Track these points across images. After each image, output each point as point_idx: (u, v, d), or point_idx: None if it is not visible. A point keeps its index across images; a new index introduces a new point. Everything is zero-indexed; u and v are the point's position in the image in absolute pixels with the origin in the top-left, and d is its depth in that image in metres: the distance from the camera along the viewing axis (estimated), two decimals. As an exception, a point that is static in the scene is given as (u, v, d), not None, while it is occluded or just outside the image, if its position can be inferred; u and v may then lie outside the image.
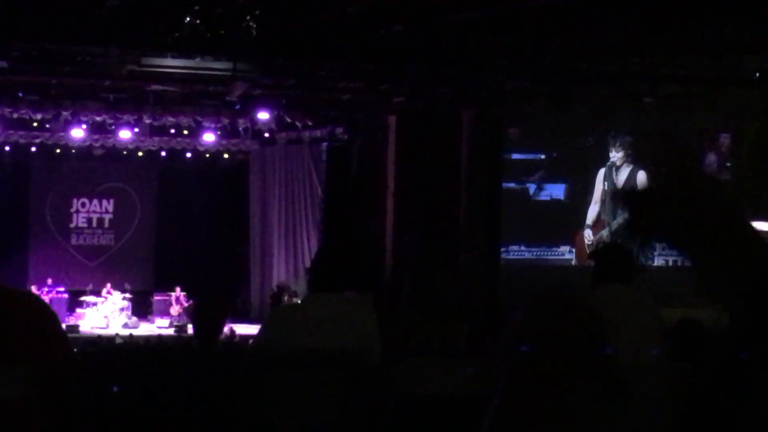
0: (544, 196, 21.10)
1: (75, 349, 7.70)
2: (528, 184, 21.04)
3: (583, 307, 3.26)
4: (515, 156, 20.96)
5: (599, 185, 20.27)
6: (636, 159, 19.37)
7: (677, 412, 6.04)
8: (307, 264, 21.55)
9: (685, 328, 6.63)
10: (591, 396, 3.23)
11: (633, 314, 6.18)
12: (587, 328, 3.21)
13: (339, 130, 22.39)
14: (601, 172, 20.09)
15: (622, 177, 19.96)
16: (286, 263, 24.31)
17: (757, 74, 15.06)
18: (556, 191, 21.07)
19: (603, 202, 20.24)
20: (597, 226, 20.01)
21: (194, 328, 6.87)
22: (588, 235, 20.29)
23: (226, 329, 7.27)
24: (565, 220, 20.61)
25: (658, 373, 6.09)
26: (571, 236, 20.34)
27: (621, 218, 18.61)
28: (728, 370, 3.40)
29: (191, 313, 6.93)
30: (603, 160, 19.88)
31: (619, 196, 20.56)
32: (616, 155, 19.63)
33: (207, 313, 6.82)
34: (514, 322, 3.28)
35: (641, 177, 19.16)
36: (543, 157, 21.35)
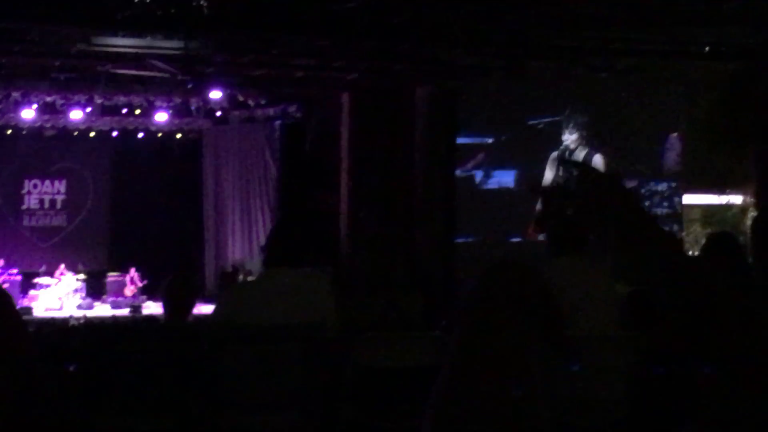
0: (492, 184, 19.97)
1: (30, 330, 7.65)
2: (474, 171, 19.99)
3: (535, 272, 3.30)
4: (459, 140, 19.87)
5: (548, 171, 18.98)
6: (591, 140, 18.64)
7: (630, 381, 6.12)
8: (262, 242, 21.53)
9: (634, 300, 6.69)
10: (543, 359, 3.27)
11: (586, 285, 6.25)
12: (539, 292, 3.24)
13: (292, 108, 22.33)
14: (552, 156, 18.93)
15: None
16: (240, 242, 24.26)
17: (707, 48, 15.19)
18: (506, 178, 19.88)
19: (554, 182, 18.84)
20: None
21: (165, 304, 6.86)
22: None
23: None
24: (515, 211, 19.18)
25: (611, 343, 6.16)
26: (524, 229, 19.02)
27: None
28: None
29: (162, 290, 6.90)
30: (555, 144, 18.95)
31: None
32: (569, 137, 18.77)
33: (178, 290, 6.82)
34: (467, 288, 3.31)
35: (597, 160, 18.33)
36: (490, 141, 20.25)
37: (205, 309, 18.94)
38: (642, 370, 6.11)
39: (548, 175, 18.77)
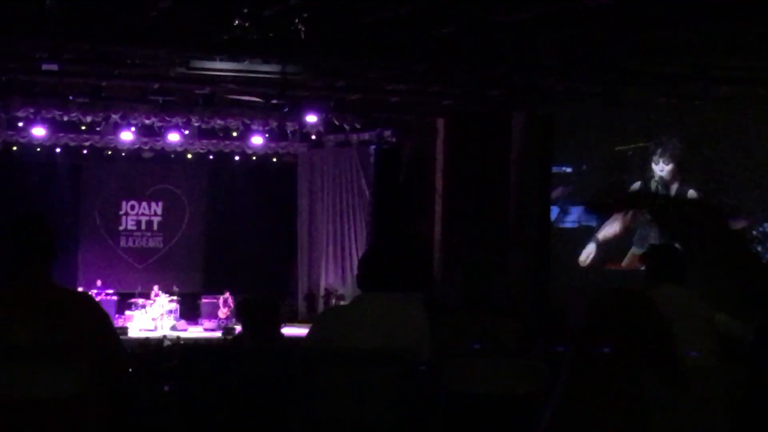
0: (569, 222, 18.60)
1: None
2: (550, 207, 18.60)
3: (650, 300, 3.23)
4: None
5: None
6: (684, 173, 17.04)
7: (733, 415, 5.96)
8: (355, 266, 21.53)
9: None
10: (656, 389, 3.19)
11: (687, 315, 6.13)
12: (655, 320, 3.17)
13: (387, 133, 22.38)
14: (634, 187, 17.27)
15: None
16: (333, 266, 24.32)
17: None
18: (587, 215, 18.07)
19: (629, 227, 17.35)
20: (610, 255, 17.39)
21: (242, 325, 6.88)
22: (590, 251, 17.96)
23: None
24: (597, 257, 17.76)
25: (714, 375, 6.02)
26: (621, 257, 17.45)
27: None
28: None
29: (237, 311, 6.97)
30: (643, 174, 17.45)
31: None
32: (664, 168, 17.21)
33: (253, 311, 6.84)
34: (581, 314, 3.25)
35: (692, 196, 16.73)
36: (569, 170, 18.83)
37: (294, 332, 19.11)
38: (745, 402, 5.96)
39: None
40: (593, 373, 3.06)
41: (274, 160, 24.95)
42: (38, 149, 22.94)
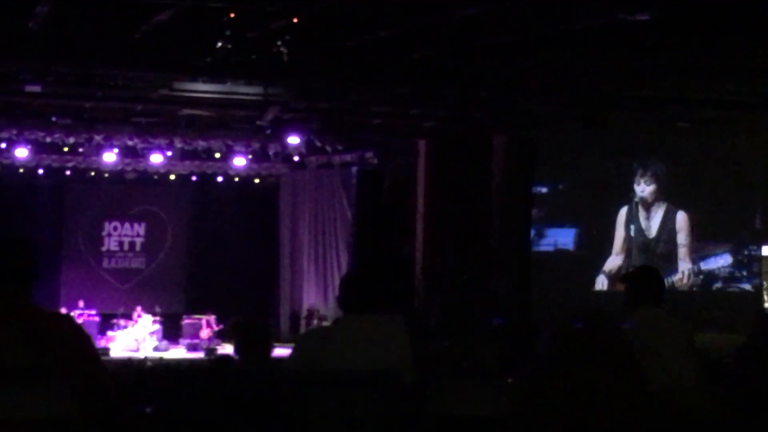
0: (545, 245, 18.20)
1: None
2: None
3: (616, 324, 3.27)
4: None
5: (620, 230, 17.31)
6: (669, 194, 16.94)
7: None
8: (337, 288, 21.46)
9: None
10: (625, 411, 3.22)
11: (668, 337, 6.19)
12: (622, 345, 3.21)
13: (369, 154, 22.40)
14: (623, 213, 17.28)
15: (655, 221, 17.04)
16: (315, 287, 24.29)
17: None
18: (563, 238, 17.86)
19: (628, 252, 17.33)
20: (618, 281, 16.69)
21: (237, 350, 6.89)
22: (602, 281, 17.72)
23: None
24: (575, 279, 17.49)
25: (693, 396, 6.06)
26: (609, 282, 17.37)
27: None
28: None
29: (231, 334, 6.98)
30: (624, 194, 17.35)
31: None
32: (645, 189, 17.13)
33: (248, 336, 6.86)
34: (545, 340, 3.29)
35: (681, 219, 16.91)
36: (545, 190, 18.47)
37: (277, 351, 19.06)
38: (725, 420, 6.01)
39: (619, 232, 17.52)
40: (559, 397, 3.09)
41: (257, 181, 24.94)
42: (20, 170, 22.87)
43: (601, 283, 17.72)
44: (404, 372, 5.91)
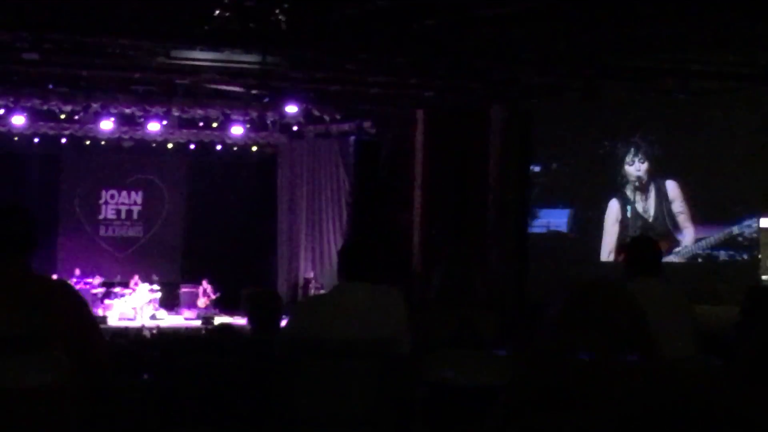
0: (538, 227, 18.17)
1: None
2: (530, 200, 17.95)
3: (627, 292, 3.25)
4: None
5: (612, 216, 17.17)
6: (665, 170, 16.86)
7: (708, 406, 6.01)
8: (333, 258, 21.58)
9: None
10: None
11: (666, 307, 6.17)
12: (632, 313, 3.19)
13: (367, 124, 22.38)
14: (614, 204, 17.17)
15: (651, 200, 16.92)
16: (312, 256, 24.32)
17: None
18: (556, 219, 17.70)
19: (624, 227, 17.09)
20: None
21: (251, 319, 6.91)
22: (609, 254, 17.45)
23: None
24: (569, 261, 17.13)
25: (689, 366, 6.07)
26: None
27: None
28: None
29: (245, 304, 6.97)
30: (617, 173, 17.29)
31: None
32: (640, 168, 17.12)
33: (263, 305, 6.87)
34: (555, 308, 3.26)
35: (672, 187, 16.88)
36: (537, 169, 18.39)
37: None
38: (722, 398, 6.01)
39: (610, 227, 17.47)
40: (562, 366, 3.09)
41: (254, 150, 24.92)
42: (16, 138, 22.81)
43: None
44: (401, 341, 5.91)
